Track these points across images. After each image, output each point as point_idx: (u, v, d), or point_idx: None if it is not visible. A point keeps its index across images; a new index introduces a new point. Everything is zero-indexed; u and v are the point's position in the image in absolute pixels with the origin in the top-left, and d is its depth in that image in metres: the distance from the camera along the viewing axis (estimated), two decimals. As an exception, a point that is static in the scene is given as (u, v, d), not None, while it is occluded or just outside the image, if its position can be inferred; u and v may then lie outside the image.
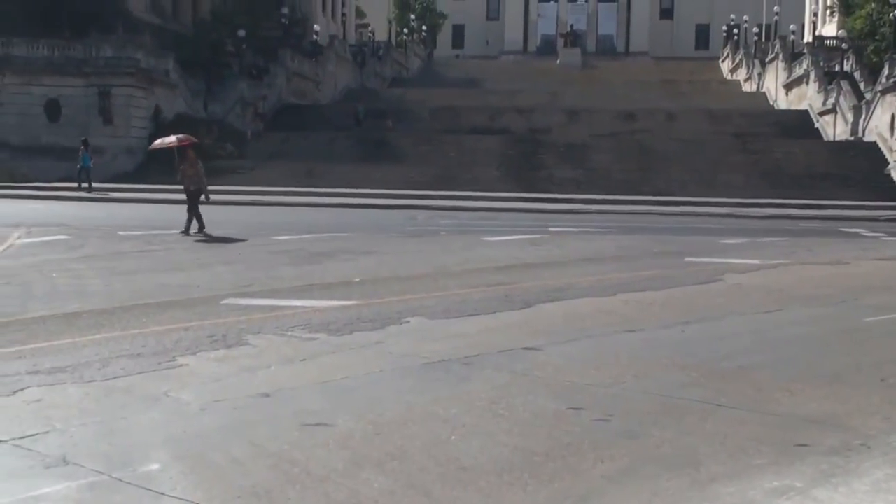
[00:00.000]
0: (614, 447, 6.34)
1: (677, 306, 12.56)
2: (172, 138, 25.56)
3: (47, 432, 6.51)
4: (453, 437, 6.52)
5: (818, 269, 17.74)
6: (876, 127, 46.39)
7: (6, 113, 46.04)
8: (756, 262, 17.97)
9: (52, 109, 46.35)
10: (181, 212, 30.99)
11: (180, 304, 12.19)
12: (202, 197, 23.57)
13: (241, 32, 59.43)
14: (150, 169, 44.33)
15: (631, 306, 12.44)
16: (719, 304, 12.83)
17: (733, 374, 8.63)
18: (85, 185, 39.35)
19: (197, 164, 23.92)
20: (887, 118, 44.97)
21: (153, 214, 29.94)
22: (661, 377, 8.40)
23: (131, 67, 46.82)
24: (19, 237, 21.16)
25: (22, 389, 7.66)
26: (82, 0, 50.10)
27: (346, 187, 39.66)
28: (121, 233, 22.63)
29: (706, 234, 25.81)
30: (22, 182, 41.07)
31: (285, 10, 69.01)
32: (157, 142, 26.87)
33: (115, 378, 8.08)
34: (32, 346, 9.45)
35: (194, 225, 22.98)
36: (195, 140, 25.48)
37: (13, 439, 6.34)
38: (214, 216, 29.23)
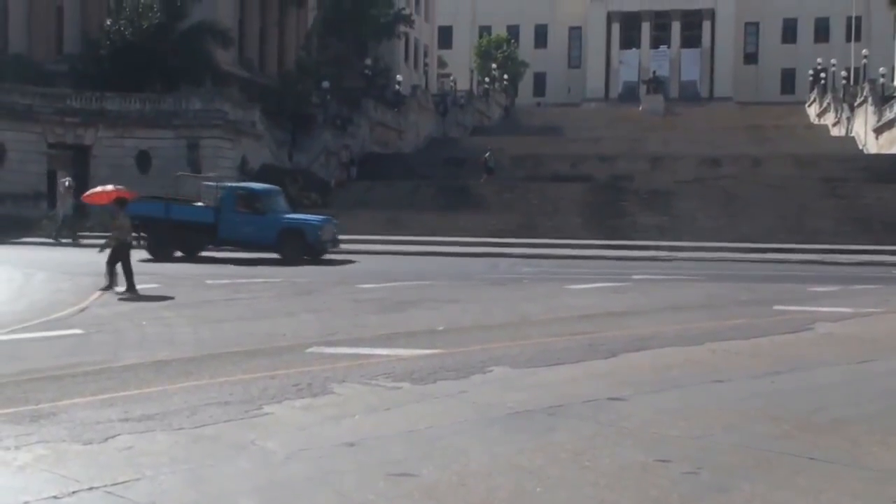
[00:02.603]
0: (703, 501, 6.22)
1: (766, 356, 12.33)
2: (110, 187, 25.66)
3: (138, 479, 6.60)
4: (538, 489, 6.45)
5: (912, 317, 17.30)
6: (969, 171, 45.22)
7: (99, 165, 47.23)
8: (847, 310, 17.58)
9: (143, 161, 47.47)
10: (268, 260, 31.47)
11: (266, 353, 12.32)
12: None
13: (326, 83, 60.40)
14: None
15: (719, 356, 12.24)
16: (810, 354, 12.56)
17: (826, 426, 8.42)
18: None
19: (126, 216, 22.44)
20: (981, 162, 43.83)
21: (239, 263, 30.37)
22: (751, 429, 8.23)
23: (219, 119, 47.80)
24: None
25: (113, 436, 7.79)
26: (173, 56, 51.40)
27: (429, 235, 39.81)
28: (208, 281, 23.00)
29: (795, 281, 25.35)
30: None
31: (368, 61, 70.08)
32: (92, 191, 26.74)
33: (203, 426, 8.17)
34: (124, 393, 9.62)
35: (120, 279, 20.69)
36: (131, 193, 25.38)
37: (105, 486, 6.44)
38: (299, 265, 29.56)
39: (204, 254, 32.47)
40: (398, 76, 75.15)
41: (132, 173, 46.90)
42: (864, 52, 79.99)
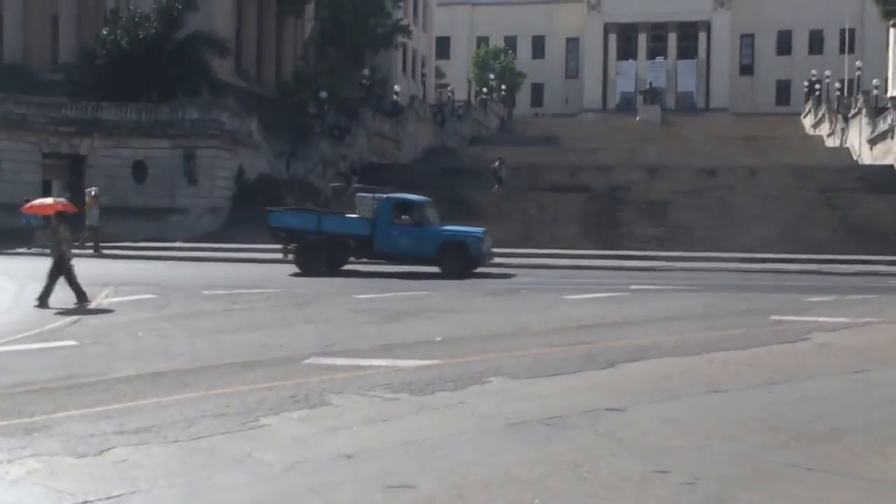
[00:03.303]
0: (702, 512, 6.20)
1: (764, 366, 12.31)
2: (50, 200, 25.45)
3: (133, 493, 6.56)
4: (537, 501, 6.43)
5: (909, 327, 17.29)
6: (966, 181, 45.32)
7: (95, 175, 47.17)
8: (844, 320, 17.57)
9: (139, 171, 47.43)
10: (266, 270, 31.41)
11: (263, 364, 12.28)
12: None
13: (323, 94, 60.46)
14: (234, 229, 45.07)
15: (716, 366, 12.22)
16: (807, 364, 12.55)
17: (823, 436, 8.40)
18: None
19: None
20: (977, 172, 43.92)
21: (236, 273, 30.32)
22: (749, 439, 8.21)
23: (216, 129, 47.79)
24: (106, 296, 21.57)
25: (108, 449, 7.75)
26: (170, 65, 51.40)
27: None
28: (205, 292, 22.94)
29: (791, 291, 25.34)
30: (109, 242, 41.92)
31: (366, 72, 70.13)
32: (34, 203, 26.46)
33: (199, 438, 8.14)
34: (118, 405, 9.57)
35: (51, 294, 20.21)
36: (72, 207, 24.92)
37: (100, 500, 6.41)
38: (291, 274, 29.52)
39: (346, 268, 31.20)
40: (396, 86, 75.21)
41: (128, 183, 46.94)
42: (858, 63, 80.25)
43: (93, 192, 40.54)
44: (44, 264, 21.76)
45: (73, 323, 17.03)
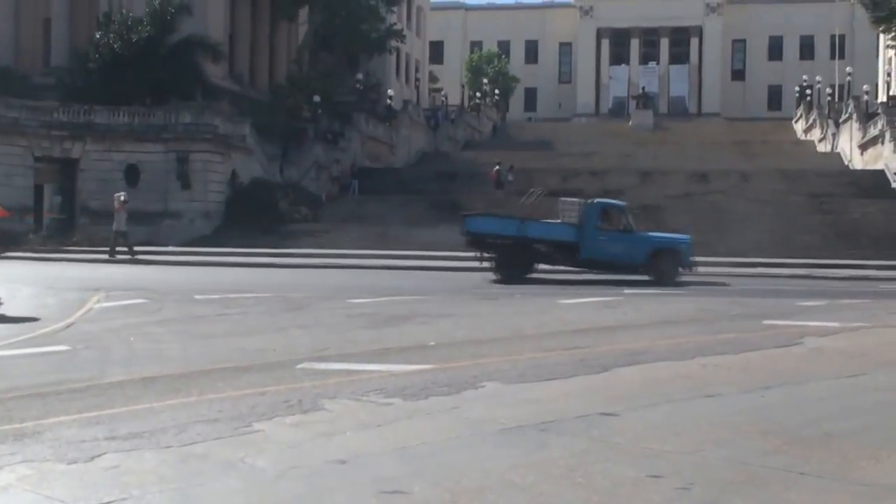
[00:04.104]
0: (696, 518, 6.19)
1: (757, 370, 12.31)
2: None
3: (124, 500, 6.53)
4: (531, 507, 6.41)
5: (902, 332, 17.31)
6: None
7: (87, 178, 47.17)
8: (836, 324, 17.59)
9: (132, 175, 47.36)
10: (258, 274, 31.38)
11: (256, 369, 12.24)
12: None
13: (317, 98, 60.48)
14: (227, 233, 45.06)
15: (709, 370, 12.22)
16: (800, 369, 12.55)
17: (816, 441, 8.40)
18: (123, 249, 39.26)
19: None
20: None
21: (229, 278, 30.28)
22: (742, 444, 8.20)
23: (209, 133, 47.76)
24: (98, 301, 21.50)
25: (99, 455, 7.70)
26: (163, 69, 51.36)
27: (421, 250, 39.77)
28: (198, 296, 22.89)
29: (784, 295, 25.38)
30: (101, 246, 41.84)
31: (360, 76, 70.20)
32: None
33: (191, 444, 8.10)
34: (110, 411, 9.52)
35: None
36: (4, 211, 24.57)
37: (92, 505, 6.38)
38: (290, 279, 29.49)
39: (532, 275, 30.39)
40: (389, 91, 75.35)
41: (120, 187, 46.81)
42: (849, 69, 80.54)
43: (122, 198, 40.35)
44: (36, 269, 21.68)
45: (65, 328, 16.98)
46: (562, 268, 30.75)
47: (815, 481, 7.07)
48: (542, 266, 30.75)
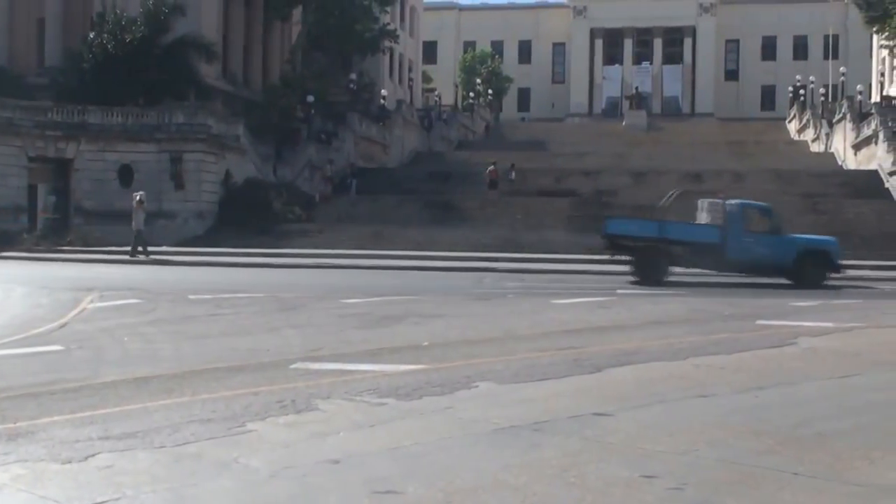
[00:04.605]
0: (690, 518, 6.20)
1: (750, 371, 12.33)
2: None
3: (118, 499, 6.52)
4: (524, 507, 6.42)
5: (895, 332, 17.34)
6: (949, 187, 45.56)
7: (81, 178, 47.13)
8: (829, 324, 17.63)
9: (125, 175, 47.32)
10: (251, 274, 31.36)
11: (250, 369, 12.24)
12: None
13: (310, 98, 60.45)
14: (221, 233, 45.03)
15: (702, 371, 12.24)
16: (793, 369, 12.57)
17: (810, 441, 8.41)
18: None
19: None
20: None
21: (223, 278, 30.25)
22: (736, 444, 8.22)
23: (202, 133, 47.71)
24: (92, 301, 21.47)
25: (93, 455, 7.70)
26: (156, 69, 51.32)
27: (414, 250, 39.80)
28: (191, 296, 22.88)
29: (777, 295, 25.41)
30: (95, 246, 41.81)
31: (353, 76, 70.16)
32: None
33: (185, 444, 8.09)
34: (104, 411, 9.51)
35: None
36: None
37: (85, 505, 6.37)
38: (283, 279, 29.47)
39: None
40: (383, 91, 75.34)
41: (114, 187, 46.87)
42: (842, 69, 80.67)
43: (138, 197, 40.25)
44: (30, 269, 21.66)
45: (59, 328, 16.95)
46: (699, 271, 30.21)
47: (809, 481, 7.08)
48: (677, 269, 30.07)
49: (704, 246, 29.08)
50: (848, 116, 62.52)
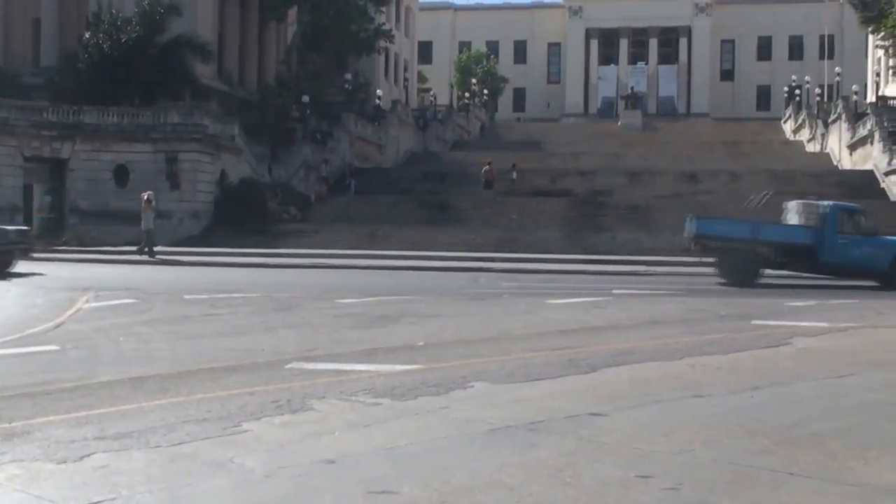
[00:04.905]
0: (685, 517, 6.20)
1: (745, 371, 12.34)
2: None
3: (113, 499, 6.51)
4: (519, 507, 6.42)
5: (890, 332, 17.36)
6: (944, 187, 45.61)
7: (76, 178, 47.09)
8: (825, 325, 17.64)
9: (121, 175, 47.28)
10: (247, 274, 31.32)
11: (245, 369, 12.22)
12: None
13: (306, 98, 60.47)
14: (216, 233, 45.02)
15: (698, 371, 12.24)
16: (788, 369, 12.58)
17: (805, 441, 8.42)
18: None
19: None
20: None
21: (218, 278, 30.22)
22: (731, 444, 8.22)
23: (198, 133, 47.68)
24: (87, 301, 21.44)
25: (88, 455, 7.69)
26: (152, 69, 51.28)
27: (409, 250, 39.82)
28: (186, 296, 22.85)
29: (773, 296, 25.42)
30: (91, 246, 41.78)
31: (348, 76, 70.20)
32: None
33: (180, 444, 8.09)
34: (99, 411, 9.50)
35: None
36: None
37: (80, 506, 6.36)
38: (278, 279, 29.46)
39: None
40: (378, 91, 75.39)
41: (109, 187, 46.83)
42: (837, 69, 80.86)
43: (146, 197, 40.17)
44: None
45: (54, 328, 16.93)
46: (791, 273, 29.96)
47: (804, 481, 7.09)
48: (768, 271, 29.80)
49: (797, 248, 28.94)
50: (843, 116, 62.63)
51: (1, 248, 29.27)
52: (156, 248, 39.32)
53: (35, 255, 35.20)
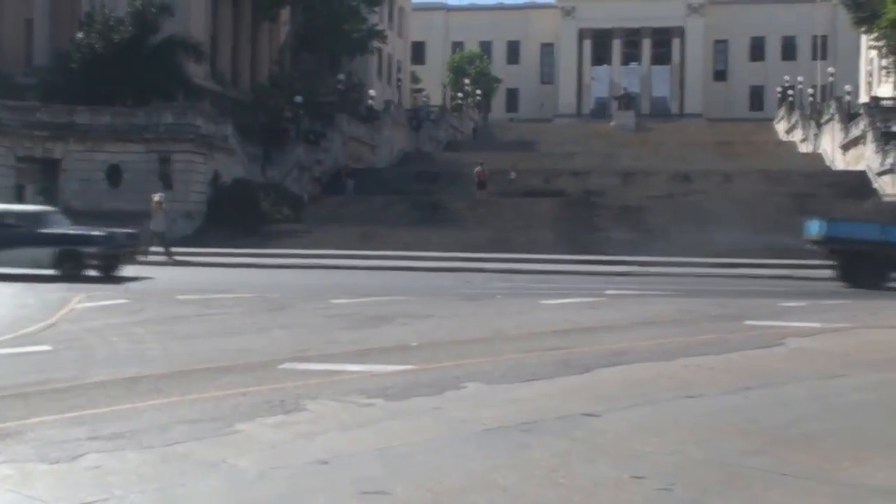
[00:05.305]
0: (678, 518, 6.21)
1: (738, 371, 12.36)
2: None
3: (106, 500, 6.51)
4: (513, 507, 6.42)
5: (882, 332, 17.40)
6: (936, 187, 45.71)
7: (70, 179, 46.96)
8: (817, 325, 17.67)
9: (114, 175, 47.17)
10: (239, 275, 31.29)
11: (238, 369, 12.22)
12: None
13: (299, 98, 60.38)
14: (209, 233, 44.94)
15: (691, 371, 12.26)
16: (781, 369, 12.60)
17: (798, 441, 8.43)
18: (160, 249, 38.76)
19: None
20: (948, 178, 44.31)
21: (211, 278, 30.19)
22: (724, 444, 8.23)
23: (191, 133, 47.60)
24: (80, 301, 21.40)
25: (82, 455, 7.69)
26: (145, 69, 51.19)
27: (403, 250, 39.79)
28: (179, 297, 22.82)
29: (765, 296, 25.47)
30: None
31: (342, 76, 70.13)
32: None
33: (173, 444, 8.08)
34: (92, 411, 9.49)
35: None
36: None
37: (73, 506, 6.36)
38: (272, 279, 29.44)
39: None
40: (371, 91, 75.36)
41: (102, 187, 46.72)
42: (830, 70, 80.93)
43: (156, 198, 39.99)
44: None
45: (47, 328, 16.90)
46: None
47: (797, 482, 7.10)
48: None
49: None
50: (836, 117, 62.70)
51: (108, 251, 28.96)
52: (151, 249, 39.20)
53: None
